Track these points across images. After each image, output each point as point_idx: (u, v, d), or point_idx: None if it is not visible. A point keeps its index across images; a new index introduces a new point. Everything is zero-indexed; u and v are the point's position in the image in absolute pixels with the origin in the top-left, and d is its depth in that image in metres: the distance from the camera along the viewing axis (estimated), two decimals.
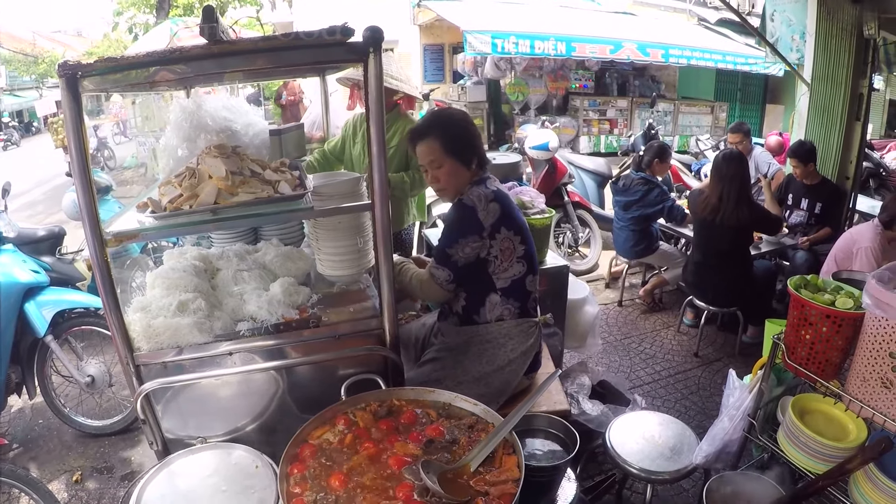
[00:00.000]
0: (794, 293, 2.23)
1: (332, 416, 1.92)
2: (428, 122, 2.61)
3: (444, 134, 2.52)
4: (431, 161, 2.54)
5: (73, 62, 1.72)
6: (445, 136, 2.52)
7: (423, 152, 2.56)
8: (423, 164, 2.60)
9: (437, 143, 2.51)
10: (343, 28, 1.82)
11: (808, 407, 2.38)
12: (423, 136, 2.54)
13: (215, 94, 3.44)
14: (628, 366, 4.73)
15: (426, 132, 2.54)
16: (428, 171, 2.59)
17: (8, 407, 4.25)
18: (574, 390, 3.45)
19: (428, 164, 2.56)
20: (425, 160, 2.56)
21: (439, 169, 2.54)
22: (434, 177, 2.57)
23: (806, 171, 5.43)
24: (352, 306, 2.38)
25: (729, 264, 4.66)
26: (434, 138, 2.52)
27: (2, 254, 3.91)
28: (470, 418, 1.91)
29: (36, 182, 15.26)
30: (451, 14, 11.61)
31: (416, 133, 2.58)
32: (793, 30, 6.33)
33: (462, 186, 2.57)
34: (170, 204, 2.04)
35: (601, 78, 13.98)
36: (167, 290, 2.30)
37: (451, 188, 2.58)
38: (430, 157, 2.53)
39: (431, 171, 2.56)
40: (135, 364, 2.10)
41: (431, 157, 2.53)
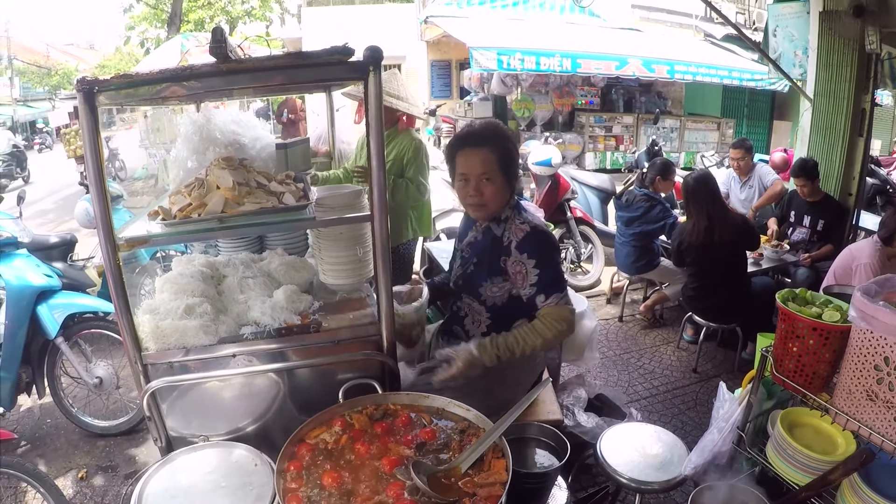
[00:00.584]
0: (781, 306, 2.27)
1: (329, 417, 1.98)
2: (487, 131, 2.47)
3: (503, 149, 2.42)
4: (483, 173, 2.40)
5: (90, 78, 1.82)
6: (504, 150, 2.42)
7: (474, 161, 2.41)
8: (466, 172, 2.44)
9: (494, 157, 2.40)
10: (343, 49, 1.91)
11: (797, 421, 2.41)
12: (480, 145, 2.41)
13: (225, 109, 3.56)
14: (626, 380, 4.78)
15: (485, 141, 2.41)
16: (470, 180, 2.43)
17: (17, 406, 4.37)
18: (570, 402, 3.50)
19: (476, 175, 2.42)
20: (475, 170, 2.41)
21: (487, 183, 2.41)
22: (478, 189, 2.43)
23: (812, 189, 5.48)
24: (351, 313, 2.46)
25: (728, 281, 4.72)
26: (492, 150, 2.40)
27: (16, 258, 4.03)
28: (462, 423, 1.97)
29: (48, 191, 15.47)
30: (458, 30, 11.69)
31: (471, 138, 2.45)
32: (795, 45, 6.39)
33: (501, 208, 2.50)
34: (179, 212, 2.14)
35: (607, 94, 13.99)
36: (175, 294, 2.39)
37: (493, 207, 2.48)
38: (483, 169, 2.40)
39: (477, 182, 2.42)
40: (143, 363, 2.19)
41: (484, 170, 2.40)
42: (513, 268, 2.44)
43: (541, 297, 2.36)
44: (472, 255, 2.63)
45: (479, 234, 2.62)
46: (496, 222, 2.54)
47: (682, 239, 4.85)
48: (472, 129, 2.51)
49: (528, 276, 2.38)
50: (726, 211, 4.63)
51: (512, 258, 2.44)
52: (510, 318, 2.52)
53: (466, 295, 2.66)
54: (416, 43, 14.72)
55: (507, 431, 1.88)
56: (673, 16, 15.51)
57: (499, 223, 2.53)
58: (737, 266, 4.76)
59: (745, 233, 4.64)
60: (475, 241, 2.64)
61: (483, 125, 2.53)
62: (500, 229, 2.52)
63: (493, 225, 2.55)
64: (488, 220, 2.56)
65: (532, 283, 2.37)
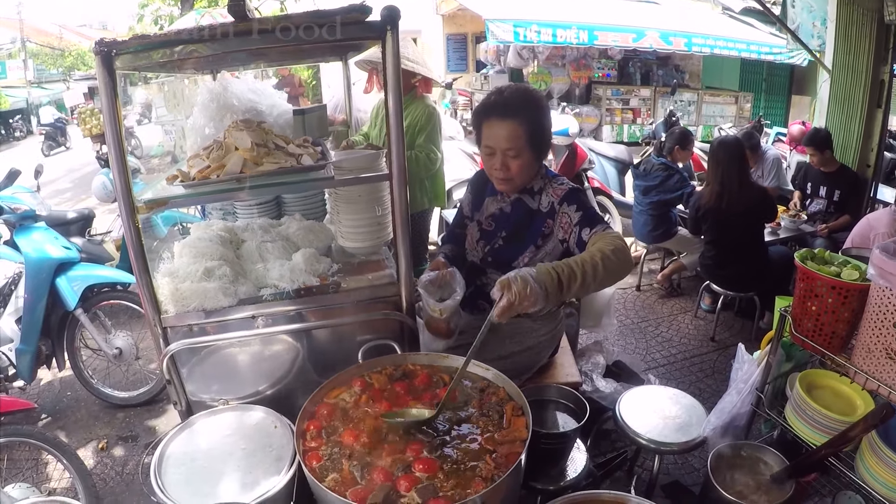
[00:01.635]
0: (800, 265, 2.24)
1: (348, 377, 1.98)
2: (515, 99, 2.26)
3: (533, 121, 2.24)
4: (509, 148, 2.23)
5: (108, 40, 1.82)
6: (533, 123, 2.24)
7: (501, 134, 2.23)
8: (492, 145, 2.27)
9: (523, 130, 2.22)
10: (360, 6, 1.90)
11: (816, 382, 2.40)
12: (507, 116, 2.22)
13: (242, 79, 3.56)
14: (644, 348, 4.78)
15: (513, 112, 2.22)
16: (496, 154, 2.26)
17: (38, 379, 4.44)
18: (588, 368, 3.50)
19: (502, 150, 2.25)
20: (501, 144, 2.24)
21: (515, 159, 2.25)
22: (504, 164, 2.27)
23: (823, 159, 5.44)
24: (370, 274, 2.48)
25: (745, 249, 4.69)
26: (520, 122, 2.21)
27: (35, 231, 4.06)
28: (482, 382, 1.97)
29: (65, 170, 15.57)
30: (473, 3, 11.59)
31: (498, 108, 2.25)
32: (814, 16, 6.31)
33: (528, 182, 2.37)
34: (198, 173, 2.15)
35: (624, 67, 13.91)
36: (194, 258, 2.40)
37: (519, 181, 2.33)
38: (510, 144, 2.23)
39: (504, 157, 2.26)
40: (162, 326, 2.21)
41: (510, 145, 2.23)
42: (560, 222, 2.31)
43: (586, 231, 2.18)
44: (498, 229, 2.48)
45: (508, 205, 2.46)
46: (529, 195, 2.40)
47: (698, 204, 4.82)
48: (500, 97, 2.29)
49: (573, 220, 2.25)
50: (743, 180, 4.56)
51: (558, 213, 2.32)
52: None
53: (494, 270, 2.47)
54: (431, 17, 14.63)
55: (527, 392, 1.88)
56: None
57: (532, 195, 2.40)
58: (754, 235, 4.71)
59: (759, 203, 4.59)
60: (500, 212, 2.49)
61: (512, 92, 2.30)
62: (536, 202, 2.39)
63: (527, 198, 2.41)
64: (517, 193, 2.42)
65: (576, 222, 2.23)
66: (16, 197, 4.22)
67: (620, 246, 2.01)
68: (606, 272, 1.91)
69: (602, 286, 1.98)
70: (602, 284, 1.95)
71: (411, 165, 3.91)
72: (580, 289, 1.87)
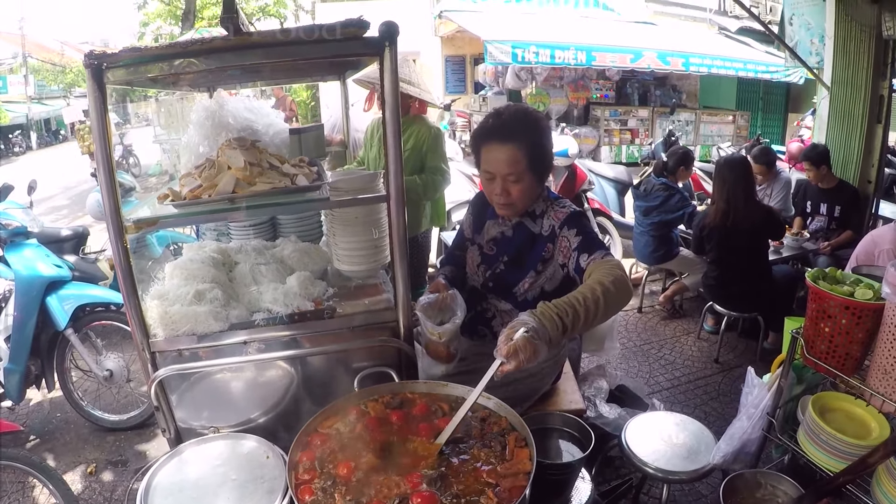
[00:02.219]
0: (812, 285, 2.19)
1: (344, 406, 1.90)
2: (514, 122, 2.18)
3: (533, 143, 2.17)
4: (509, 174, 2.16)
5: (98, 52, 1.76)
6: (533, 146, 2.17)
7: (500, 160, 2.16)
8: (492, 171, 2.20)
9: (523, 154, 2.14)
10: (358, 21, 1.83)
11: (828, 405, 2.33)
12: (507, 140, 2.15)
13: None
14: (647, 371, 4.70)
15: (512, 135, 2.15)
16: (496, 179, 2.19)
17: (27, 400, 4.34)
18: (591, 393, 3.42)
19: (502, 175, 2.18)
20: (501, 169, 2.17)
21: (516, 183, 2.18)
22: (505, 189, 2.20)
23: (819, 175, 5.41)
24: (367, 299, 2.40)
25: (749, 269, 4.63)
26: (520, 146, 2.14)
27: (26, 248, 3.98)
28: (483, 411, 1.89)
29: (62, 187, 15.53)
30: (472, 24, 11.67)
31: (497, 132, 2.18)
32: (811, 33, 6.31)
33: (529, 205, 2.30)
34: (189, 193, 2.08)
35: (622, 88, 13.95)
36: (185, 279, 2.33)
37: (521, 206, 2.27)
38: (510, 170, 2.16)
39: (504, 182, 2.19)
40: (150, 351, 2.13)
41: (510, 170, 2.16)
42: (560, 245, 2.23)
43: (584, 257, 2.10)
44: (500, 253, 2.41)
45: (509, 229, 2.38)
46: (530, 218, 2.33)
47: (703, 223, 4.77)
48: (498, 120, 2.21)
49: (572, 244, 2.16)
50: (749, 198, 4.52)
51: (559, 237, 2.23)
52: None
53: (495, 296, 2.43)
54: (430, 38, 14.64)
55: (530, 421, 1.81)
56: (686, 9, 15.41)
57: (535, 219, 2.32)
58: (758, 254, 4.67)
59: (765, 221, 4.54)
60: (502, 237, 2.41)
61: (511, 114, 2.22)
62: (538, 225, 2.31)
63: (528, 221, 2.33)
64: (519, 216, 2.35)
65: (574, 247, 2.15)
66: (7, 213, 4.14)
67: (619, 276, 1.91)
68: (607, 306, 1.82)
69: (602, 320, 1.86)
70: (603, 318, 1.84)
71: (428, 190, 3.83)
72: (583, 327, 1.77)
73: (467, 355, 2.43)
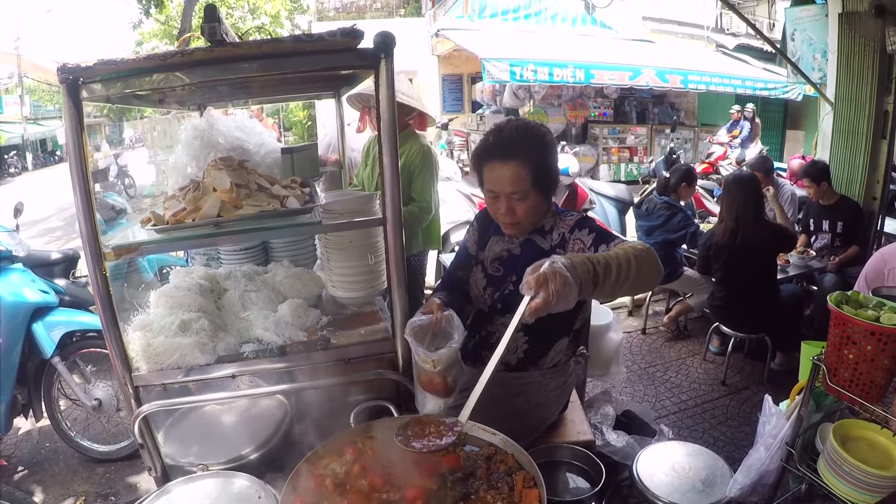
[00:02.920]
0: (835, 310, 2.08)
1: (339, 444, 1.78)
2: (516, 138, 2.08)
3: (537, 159, 2.07)
4: (514, 192, 2.06)
5: (72, 65, 1.64)
6: (538, 162, 2.07)
7: (503, 178, 2.06)
8: (495, 190, 2.10)
9: (527, 171, 2.04)
10: (351, 30, 1.72)
11: (849, 433, 2.23)
12: (508, 157, 2.05)
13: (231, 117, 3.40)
14: (653, 395, 4.57)
15: (514, 153, 2.04)
16: (500, 198, 2.10)
17: (15, 429, 4.23)
18: (598, 421, 3.31)
19: (506, 194, 2.08)
20: (505, 188, 2.07)
21: (521, 201, 2.08)
22: (510, 208, 2.10)
23: (820, 191, 5.35)
24: (363, 328, 2.29)
25: (757, 289, 4.53)
26: (523, 163, 2.04)
27: (11, 273, 3.87)
28: (488, 448, 1.76)
29: (57, 208, 15.46)
30: (470, 43, 11.66)
31: (499, 149, 2.07)
32: (814, 49, 6.26)
33: (537, 222, 2.20)
34: (172, 217, 1.96)
35: (620, 106, 13.97)
36: (170, 308, 2.23)
37: (528, 224, 2.18)
38: (514, 188, 2.06)
39: (508, 201, 2.09)
40: (133, 385, 2.02)
41: (514, 188, 2.06)
42: (573, 247, 2.11)
43: (602, 247, 1.99)
44: (507, 273, 2.27)
45: (517, 247, 2.28)
46: (540, 234, 2.23)
47: (710, 242, 4.67)
48: (499, 138, 2.10)
49: (587, 242, 2.08)
50: (759, 216, 4.43)
51: (570, 241, 2.14)
52: (549, 337, 2.27)
53: (502, 316, 2.27)
54: (427, 57, 14.64)
55: (537, 455, 1.70)
56: (684, 27, 15.46)
57: (544, 234, 2.23)
58: (766, 274, 4.57)
59: (775, 237, 4.45)
60: (508, 255, 2.30)
61: (512, 130, 2.11)
62: (548, 241, 2.21)
63: (538, 238, 2.23)
64: (528, 233, 2.25)
65: (591, 243, 2.06)
66: None
67: (646, 248, 1.81)
68: (639, 271, 1.71)
69: (632, 288, 1.75)
70: (633, 285, 1.72)
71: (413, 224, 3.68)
72: (613, 286, 1.65)
73: (469, 386, 2.31)
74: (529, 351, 2.26)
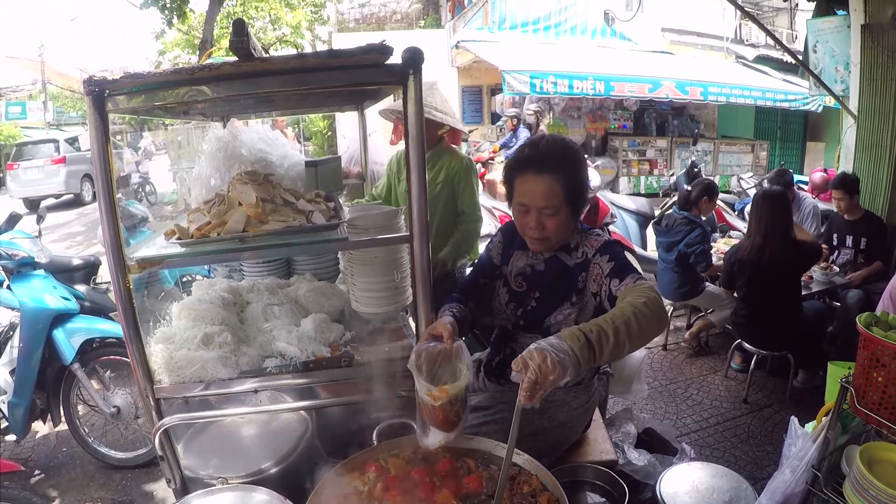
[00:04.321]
0: (864, 332, 2.04)
1: (361, 462, 1.79)
2: (552, 153, 2.07)
3: (571, 176, 2.06)
4: (545, 206, 2.05)
5: (98, 78, 1.65)
6: (571, 178, 2.06)
7: (536, 191, 2.05)
8: (526, 203, 2.09)
9: (560, 186, 2.03)
10: (381, 46, 1.71)
11: (876, 456, 2.15)
12: (543, 171, 2.04)
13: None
14: (674, 412, 4.52)
15: (549, 167, 2.04)
16: (531, 212, 2.09)
17: (32, 433, 4.22)
18: (619, 439, 3.26)
19: (538, 207, 2.07)
20: (537, 202, 2.06)
21: (552, 217, 2.07)
22: (539, 223, 2.09)
23: (851, 204, 5.29)
24: (387, 345, 2.26)
25: (780, 306, 4.46)
26: (557, 178, 2.03)
27: (33, 279, 3.90)
28: (512, 469, 1.74)
29: (78, 213, 15.61)
30: (490, 55, 11.69)
31: (534, 162, 2.07)
32: (836, 60, 6.23)
33: (563, 240, 2.19)
34: (197, 231, 1.96)
35: (640, 118, 13.91)
36: (193, 321, 2.23)
37: (556, 241, 2.16)
38: (546, 202, 2.05)
39: (539, 216, 2.08)
40: (154, 398, 2.01)
41: (547, 203, 2.05)
42: (593, 272, 2.11)
43: (615, 282, 1.97)
44: (530, 290, 2.27)
45: (541, 263, 2.25)
46: (566, 252, 2.21)
47: (735, 258, 4.62)
48: (535, 151, 2.10)
49: (604, 270, 2.05)
50: (787, 236, 4.36)
51: (591, 264, 2.12)
52: None
53: (525, 333, 2.27)
54: (446, 69, 14.66)
55: (560, 475, 1.69)
56: (703, 38, 15.40)
57: (569, 252, 2.20)
58: (791, 292, 4.51)
59: (802, 255, 4.40)
60: (532, 271, 2.28)
61: (548, 144, 2.11)
62: (573, 259, 2.19)
63: (564, 255, 2.21)
64: (554, 251, 2.23)
65: (607, 273, 2.03)
66: (14, 242, 4.04)
67: (653, 297, 1.78)
68: (640, 329, 1.67)
69: (637, 345, 1.71)
70: (637, 343, 1.68)
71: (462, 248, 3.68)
72: (614, 350, 1.61)
73: (493, 402, 2.29)
74: None
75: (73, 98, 32.06)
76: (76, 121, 32.93)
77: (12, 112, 29.63)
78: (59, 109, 32.83)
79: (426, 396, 1.77)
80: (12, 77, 32.35)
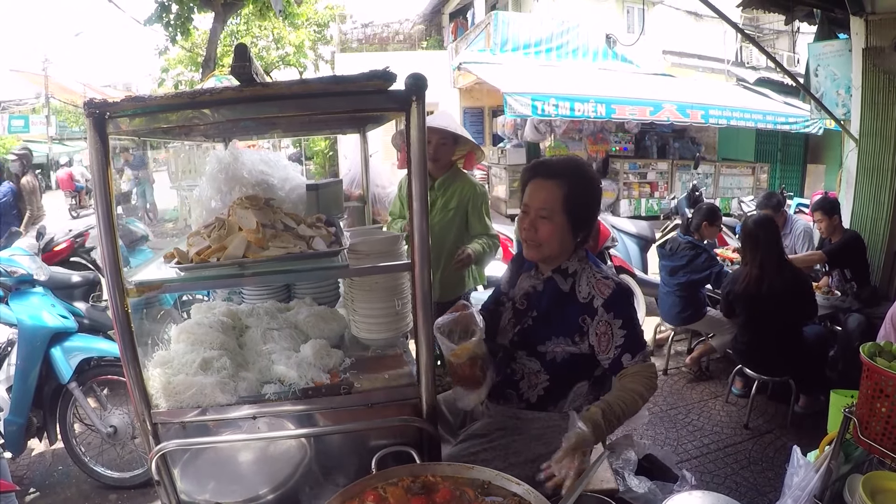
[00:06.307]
0: (868, 362, 2.02)
1: (360, 490, 1.74)
2: (561, 164, 2.24)
3: (574, 185, 2.18)
4: (542, 208, 2.17)
5: (98, 100, 1.64)
6: (575, 187, 2.17)
7: (538, 194, 2.19)
8: (528, 204, 2.22)
9: (562, 192, 2.16)
10: (384, 73, 1.71)
11: (879, 486, 2.12)
12: (548, 176, 2.19)
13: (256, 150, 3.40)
14: (675, 438, 4.49)
15: (553, 173, 2.19)
16: (529, 213, 2.21)
17: (28, 450, 4.21)
18: (619, 465, 3.23)
19: (535, 210, 2.19)
20: (535, 203, 2.19)
21: (546, 221, 2.17)
22: (532, 225, 2.20)
23: (831, 225, 5.35)
24: (387, 372, 2.25)
25: (782, 333, 4.45)
26: (561, 184, 2.16)
27: (31, 296, 3.89)
28: (512, 499, 1.72)
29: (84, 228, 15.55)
30: (492, 77, 11.75)
31: (543, 168, 2.24)
32: (837, 84, 6.24)
33: (560, 254, 2.26)
34: (196, 255, 1.94)
35: (641, 140, 13.92)
36: (191, 345, 2.21)
37: (548, 250, 2.22)
38: (543, 204, 2.17)
39: (533, 218, 2.19)
40: (152, 422, 1.99)
41: (544, 205, 2.17)
42: (597, 328, 2.16)
43: (627, 357, 2.12)
44: (530, 308, 2.34)
45: (540, 284, 2.33)
46: (561, 275, 2.27)
47: (731, 288, 4.62)
48: (550, 160, 2.31)
49: (615, 338, 2.12)
50: (782, 262, 4.36)
51: (597, 318, 2.17)
52: (569, 379, 2.29)
53: (522, 351, 2.33)
54: (448, 90, 14.76)
55: None
56: (704, 61, 15.52)
57: (565, 277, 2.26)
58: (789, 315, 4.46)
59: (798, 294, 4.39)
60: (533, 291, 2.35)
61: (563, 158, 2.31)
62: (568, 284, 2.25)
63: (558, 278, 2.27)
64: (551, 271, 2.30)
65: (618, 344, 2.12)
66: (13, 259, 4.04)
67: (654, 385, 2.13)
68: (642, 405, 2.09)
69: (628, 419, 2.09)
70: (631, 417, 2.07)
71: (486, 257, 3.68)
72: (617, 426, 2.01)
73: (490, 430, 2.29)
74: (549, 389, 2.29)
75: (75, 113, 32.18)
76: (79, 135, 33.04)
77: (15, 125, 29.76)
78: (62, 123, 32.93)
79: (451, 357, 2.10)
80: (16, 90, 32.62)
